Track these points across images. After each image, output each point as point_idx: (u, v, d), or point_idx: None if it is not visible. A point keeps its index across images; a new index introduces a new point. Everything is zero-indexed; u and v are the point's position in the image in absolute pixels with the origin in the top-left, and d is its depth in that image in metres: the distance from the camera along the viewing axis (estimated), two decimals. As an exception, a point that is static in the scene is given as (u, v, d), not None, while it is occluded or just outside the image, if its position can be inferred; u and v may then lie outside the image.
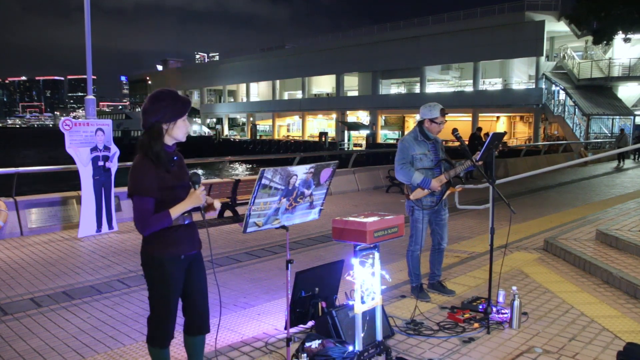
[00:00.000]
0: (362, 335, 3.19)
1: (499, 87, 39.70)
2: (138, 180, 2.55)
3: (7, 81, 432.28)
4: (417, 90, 42.30)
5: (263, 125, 55.86)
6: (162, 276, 2.67)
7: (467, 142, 6.19)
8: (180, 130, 2.69)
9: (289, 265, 3.07)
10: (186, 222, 2.73)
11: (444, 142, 4.93)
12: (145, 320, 4.29)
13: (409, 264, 4.73)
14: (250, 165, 36.72)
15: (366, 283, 3.23)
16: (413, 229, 4.65)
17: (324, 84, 52.32)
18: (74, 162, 7.53)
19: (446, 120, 4.62)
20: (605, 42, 23.13)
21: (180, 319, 2.86)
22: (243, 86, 58.91)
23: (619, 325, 4.04)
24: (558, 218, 8.83)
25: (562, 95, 32.85)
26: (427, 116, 4.57)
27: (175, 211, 2.59)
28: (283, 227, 3.15)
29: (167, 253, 2.65)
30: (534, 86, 34.92)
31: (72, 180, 8.64)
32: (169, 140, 2.69)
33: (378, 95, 43.17)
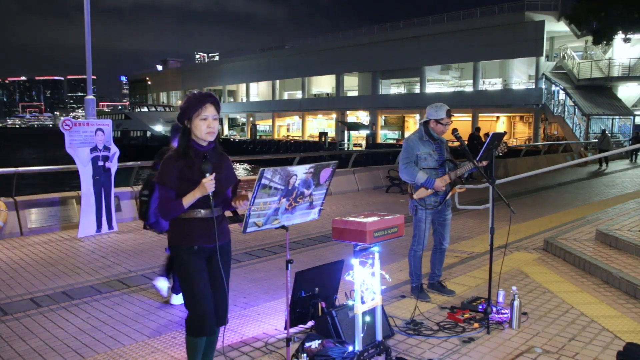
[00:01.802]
0: (362, 335, 3.19)
1: (498, 87, 39.69)
2: (160, 171, 2.80)
3: (7, 81, 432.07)
4: (417, 90, 42.30)
5: (263, 125, 55.86)
6: (180, 264, 2.86)
7: (466, 142, 6.17)
8: (197, 129, 2.79)
9: (289, 265, 3.08)
10: (208, 216, 2.83)
11: (443, 143, 4.93)
12: (145, 320, 4.31)
13: (410, 264, 4.72)
14: (250, 166, 36.72)
15: (366, 283, 3.23)
16: (416, 229, 4.65)
17: (324, 84, 52.31)
18: (73, 162, 7.53)
19: (452, 122, 4.61)
20: (605, 42, 23.11)
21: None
22: (243, 86, 58.91)
23: (618, 325, 4.05)
24: (558, 218, 8.83)
25: (562, 95, 32.85)
26: (433, 117, 4.55)
27: (187, 200, 2.74)
28: (283, 227, 3.16)
29: (181, 243, 2.82)
30: (533, 86, 34.91)
31: (73, 181, 8.62)
32: (198, 139, 2.82)
33: (378, 95, 43.17)
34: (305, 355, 3.19)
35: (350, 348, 3.24)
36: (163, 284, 4.72)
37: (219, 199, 2.86)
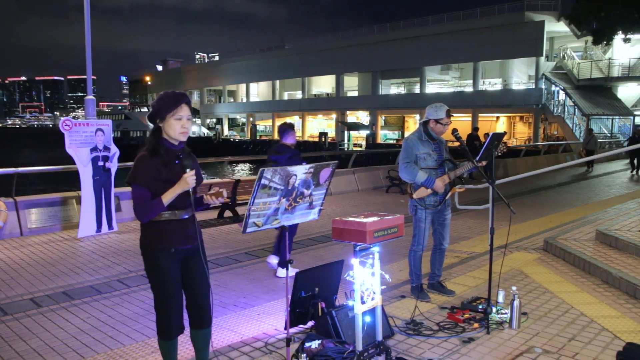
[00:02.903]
0: (362, 335, 3.19)
1: (498, 87, 39.69)
2: (133, 170, 2.73)
3: (7, 81, 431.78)
4: (417, 90, 42.30)
5: (263, 125, 55.86)
6: (154, 267, 2.81)
7: (465, 143, 6.16)
8: (171, 129, 2.76)
9: (289, 265, 3.08)
10: (184, 217, 2.81)
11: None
12: (145, 320, 4.31)
13: (410, 264, 4.73)
14: (250, 166, 36.73)
15: (366, 283, 3.23)
16: (416, 229, 4.65)
17: (323, 84, 52.31)
18: (73, 162, 7.53)
19: (451, 122, 4.62)
20: (605, 42, 23.09)
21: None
22: (243, 86, 58.89)
23: (618, 325, 4.05)
24: (558, 218, 8.83)
25: (562, 96, 32.85)
26: (432, 117, 4.56)
27: (167, 197, 2.70)
28: (283, 227, 3.15)
29: (157, 246, 2.78)
30: (533, 86, 34.91)
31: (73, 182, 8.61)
32: (170, 139, 2.79)
33: (378, 95, 43.17)
34: (305, 355, 3.19)
35: (350, 348, 3.24)
36: (274, 260, 5.61)
37: (194, 197, 2.84)
